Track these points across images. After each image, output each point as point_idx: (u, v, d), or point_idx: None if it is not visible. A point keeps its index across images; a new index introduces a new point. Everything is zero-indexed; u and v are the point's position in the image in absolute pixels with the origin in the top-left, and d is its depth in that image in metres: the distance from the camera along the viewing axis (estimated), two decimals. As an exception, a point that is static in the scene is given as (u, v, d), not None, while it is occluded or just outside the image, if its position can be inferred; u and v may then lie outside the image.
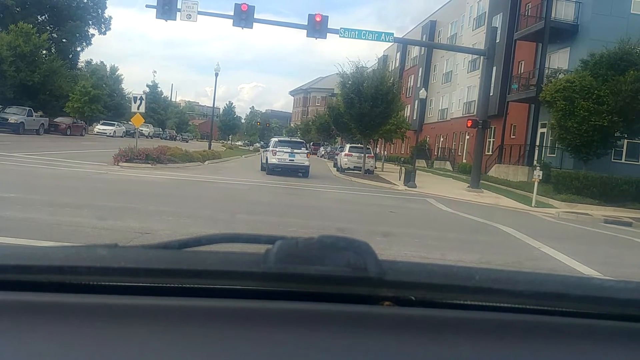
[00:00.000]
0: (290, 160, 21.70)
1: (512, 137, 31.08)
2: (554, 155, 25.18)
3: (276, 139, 24.18)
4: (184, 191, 13.18)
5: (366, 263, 0.84)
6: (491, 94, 23.87)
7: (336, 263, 0.84)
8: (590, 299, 0.95)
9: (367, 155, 27.74)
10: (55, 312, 0.80)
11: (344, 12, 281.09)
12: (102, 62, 52.30)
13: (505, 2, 32.37)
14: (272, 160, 21.77)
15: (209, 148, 33.26)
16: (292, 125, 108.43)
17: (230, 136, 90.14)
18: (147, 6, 20.23)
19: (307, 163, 22.07)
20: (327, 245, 0.86)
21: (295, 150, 21.96)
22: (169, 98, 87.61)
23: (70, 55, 48.83)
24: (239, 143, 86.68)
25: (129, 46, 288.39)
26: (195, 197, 11.99)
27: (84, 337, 0.76)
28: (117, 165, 17.36)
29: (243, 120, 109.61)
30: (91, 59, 53.18)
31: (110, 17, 51.53)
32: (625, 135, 20.90)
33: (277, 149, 21.98)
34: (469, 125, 21.99)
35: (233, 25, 20.48)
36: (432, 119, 48.15)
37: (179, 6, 20.26)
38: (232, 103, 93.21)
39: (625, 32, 21.12)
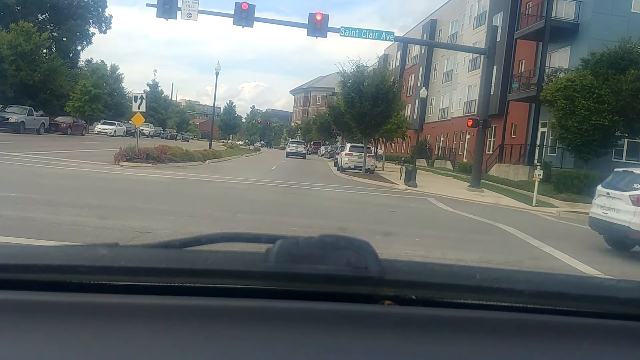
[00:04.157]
0: (295, 149, 48.27)
1: (512, 136, 31.07)
2: (555, 155, 25.17)
3: (290, 140, 59.02)
4: (185, 190, 13.19)
5: (367, 262, 0.84)
6: (492, 93, 23.84)
7: (337, 262, 0.84)
8: (590, 298, 0.95)
9: (367, 154, 27.74)
10: (55, 311, 0.80)
11: (346, 11, 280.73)
12: (102, 61, 52.20)
13: (506, 1, 32.35)
14: (287, 150, 50.77)
15: (210, 147, 33.26)
16: (292, 124, 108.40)
17: (230, 135, 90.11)
18: (147, 5, 20.22)
19: (304, 151, 49.73)
20: (327, 245, 0.86)
21: (298, 146, 50.44)
22: (170, 97, 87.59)
23: (71, 54, 48.82)
24: (240, 142, 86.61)
25: (130, 45, 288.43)
26: (195, 197, 12.00)
27: (85, 336, 0.76)
28: (118, 164, 17.36)
29: (244, 120, 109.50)
30: (92, 58, 53.16)
31: (111, 16, 51.53)
32: (626, 135, 20.89)
33: (289, 145, 53.66)
34: (470, 124, 21.96)
35: (233, 24, 20.47)
36: (433, 118, 48.14)
37: (179, 5, 20.25)
38: (232, 102, 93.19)
39: (626, 31, 21.11)
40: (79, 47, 50.28)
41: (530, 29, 27.72)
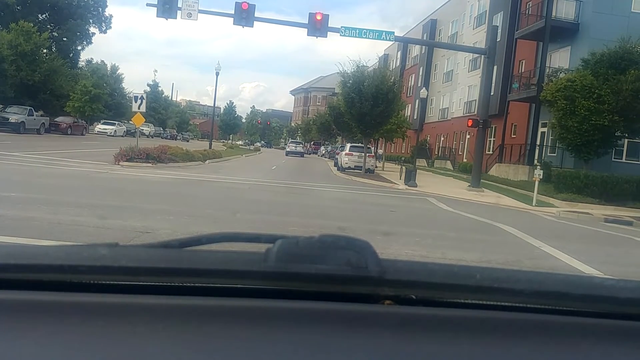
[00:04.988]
0: (294, 149, 54.27)
1: (512, 136, 31.07)
2: (555, 155, 25.16)
3: (290, 140, 71.53)
4: (185, 190, 13.19)
5: (367, 262, 0.84)
6: (492, 94, 23.82)
7: (337, 262, 0.84)
8: (590, 298, 0.95)
9: (367, 154, 27.74)
10: (56, 311, 0.80)
11: (347, 11, 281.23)
12: (102, 61, 52.24)
13: (506, 0, 32.35)
14: (287, 149, 56.10)
15: (210, 147, 33.26)
16: (292, 124, 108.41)
17: (231, 135, 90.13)
18: (147, 5, 20.21)
19: (302, 150, 56.17)
20: (327, 244, 0.86)
21: (297, 145, 56.88)
22: (170, 97, 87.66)
23: (71, 54, 48.80)
24: (240, 142, 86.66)
25: (130, 45, 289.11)
26: (195, 196, 12.00)
27: (85, 336, 0.76)
28: (118, 164, 17.36)
29: (244, 120, 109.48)
30: (92, 58, 53.17)
31: (111, 16, 51.52)
32: (626, 135, 20.88)
33: (288, 144, 60.69)
34: (470, 124, 21.95)
35: (233, 24, 20.46)
36: (433, 118, 48.15)
37: (179, 5, 20.24)
38: (233, 102, 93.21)
39: (626, 31, 21.10)
40: (79, 47, 50.29)
41: (531, 29, 27.72)
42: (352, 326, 0.82)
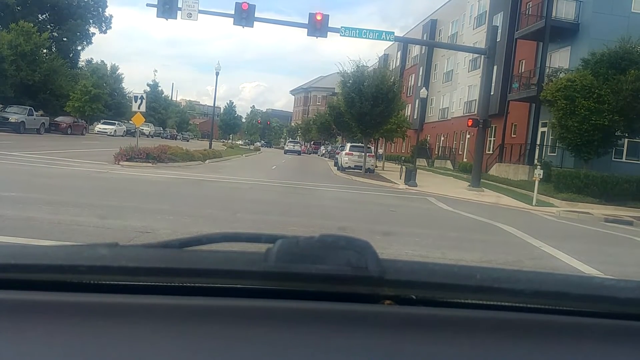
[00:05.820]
0: (292, 148, 61.95)
1: (512, 136, 31.06)
2: (555, 154, 25.16)
3: (288, 140, 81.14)
4: (185, 190, 13.19)
5: (367, 262, 0.84)
6: (492, 93, 23.79)
7: (337, 262, 0.83)
8: (590, 298, 0.95)
9: (367, 154, 27.74)
10: (55, 311, 0.80)
11: (347, 11, 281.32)
12: (102, 61, 52.23)
13: (506, 1, 32.34)
14: (285, 148, 65.32)
15: (210, 147, 33.24)
16: (292, 124, 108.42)
17: (231, 135, 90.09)
18: (147, 5, 20.19)
19: (299, 149, 63.18)
20: (327, 244, 0.86)
21: (295, 145, 65.47)
22: (170, 97, 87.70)
23: (71, 54, 48.81)
24: (240, 142, 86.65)
25: (130, 45, 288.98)
26: (195, 196, 12.00)
27: (85, 336, 0.76)
28: (118, 164, 17.36)
29: (244, 120, 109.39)
30: (92, 58, 53.17)
31: (111, 16, 51.56)
32: (626, 135, 20.87)
33: (287, 144, 69.13)
34: (470, 124, 21.94)
35: (233, 24, 20.46)
36: (433, 118, 48.14)
37: (179, 5, 20.23)
38: (233, 102, 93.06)
39: (626, 31, 21.10)
40: (79, 47, 50.30)
41: (531, 29, 27.71)
42: (352, 326, 0.82)
